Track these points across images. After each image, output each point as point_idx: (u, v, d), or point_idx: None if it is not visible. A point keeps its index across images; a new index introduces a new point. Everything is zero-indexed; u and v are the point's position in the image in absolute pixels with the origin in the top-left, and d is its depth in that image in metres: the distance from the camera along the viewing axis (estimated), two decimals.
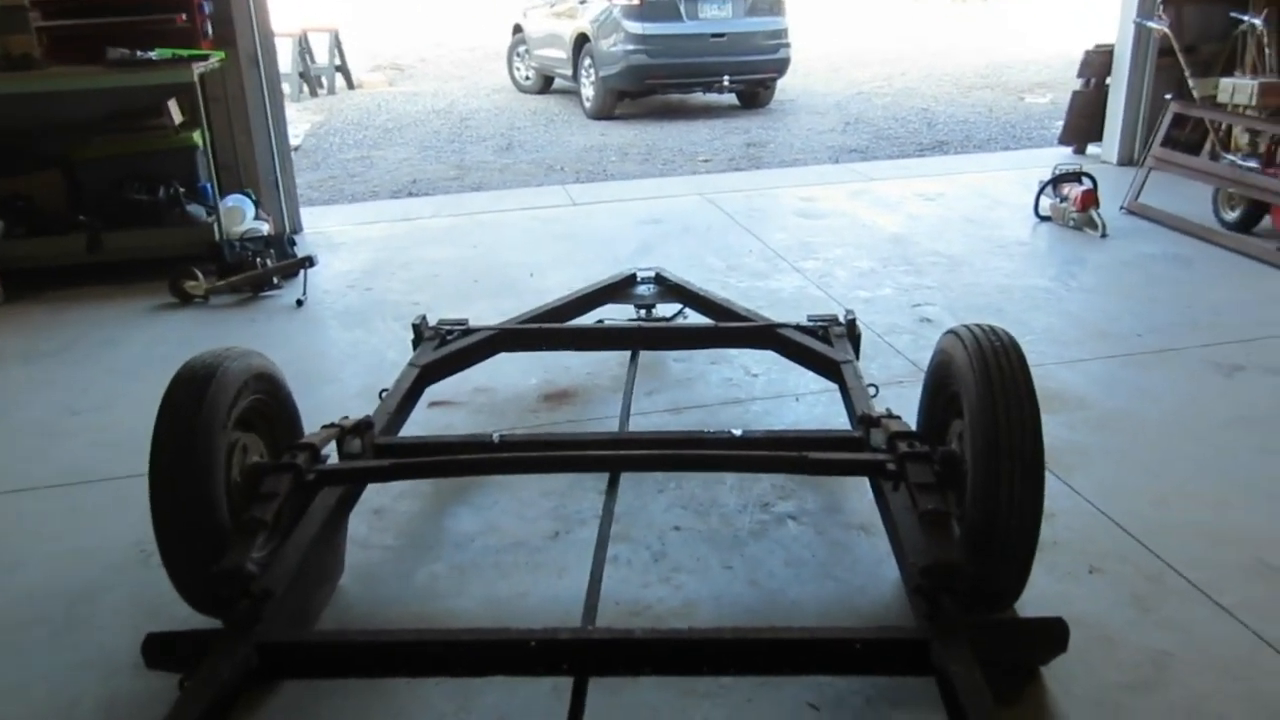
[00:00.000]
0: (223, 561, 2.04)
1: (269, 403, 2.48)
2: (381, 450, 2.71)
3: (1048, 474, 2.12)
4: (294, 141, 6.74)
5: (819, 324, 3.47)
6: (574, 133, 10.31)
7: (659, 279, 4.08)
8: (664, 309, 4.17)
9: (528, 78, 13.31)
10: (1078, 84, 7.65)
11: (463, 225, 6.27)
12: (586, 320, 3.94)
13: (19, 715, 2.25)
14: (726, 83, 10.99)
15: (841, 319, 3.51)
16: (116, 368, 4.18)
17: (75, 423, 3.70)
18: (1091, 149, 7.60)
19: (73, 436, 3.59)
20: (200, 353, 2.36)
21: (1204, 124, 6.33)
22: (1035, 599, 2.34)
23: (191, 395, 2.16)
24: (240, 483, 2.30)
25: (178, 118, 5.37)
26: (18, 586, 2.72)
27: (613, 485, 2.58)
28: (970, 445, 2.11)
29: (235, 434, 2.31)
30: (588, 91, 11.23)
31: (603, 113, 11.02)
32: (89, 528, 3.00)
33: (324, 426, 2.62)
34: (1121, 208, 5.97)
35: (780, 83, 11.73)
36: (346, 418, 2.73)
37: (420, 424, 3.36)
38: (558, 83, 12.75)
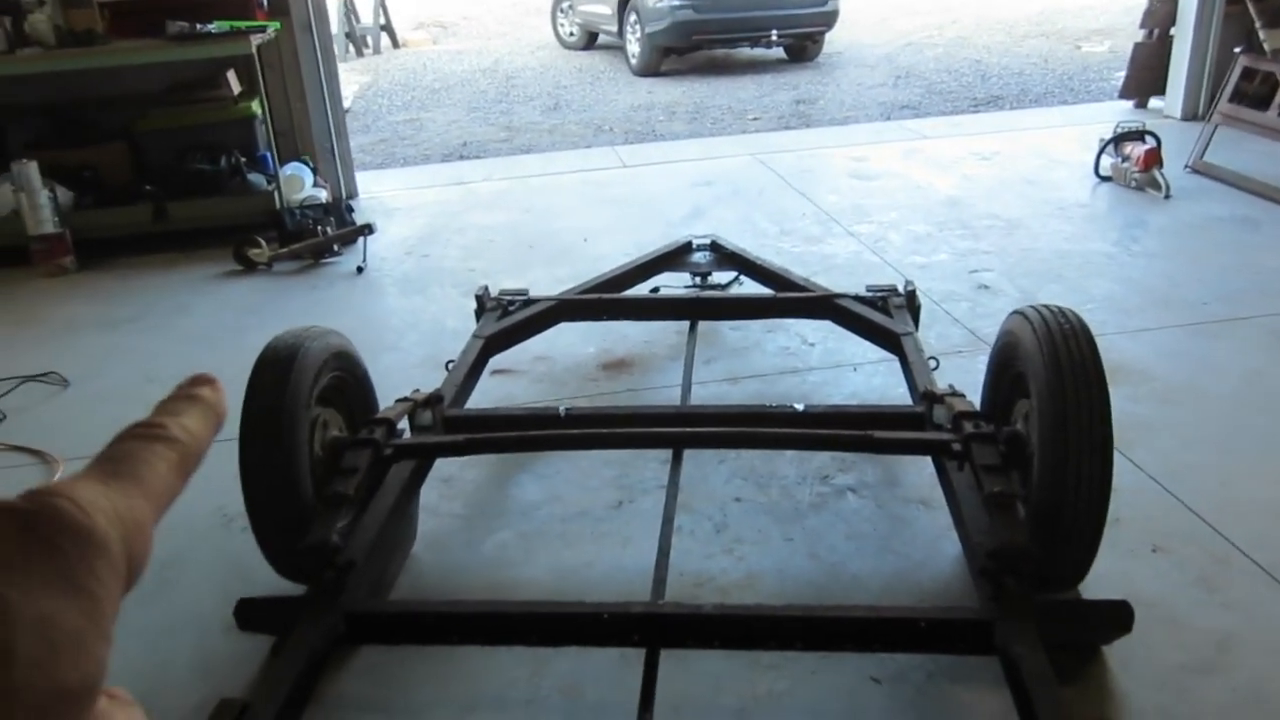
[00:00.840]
0: (310, 536, 2.13)
1: (346, 379, 2.56)
2: (451, 423, 2.78)
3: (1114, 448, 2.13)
4: (345, 104, 6.80)
5: (878, 294, 3.48)
6: (620, 91, 10.27)
7: (714, 246, 4.10)
8: (720, 276, 4.21)
9: (572, 34, 13.23)
10: (1140, 35, 7.46)
11: (514, 189, 6.32)
12: (644, 289, 3.98)
13: (117, 676, 2.35)
14: (774, 37, 10.85)
15: (901, 289, 3.51)
16: (189, 335, 4.30)
17: (153, 390, 3.77)
18: (1154, 103, 7.43)
19: (151, 403, 3.67)
20: (281, 333, 2.44)
21: (1275, 77, 6.17)
22: (1097, 577, 2.35)
23: (276, 376, 2.24)
24: (322, 456, 2.39)
25: (236, 88, 5.45)
26: None
27: (676, 459, 2.63)
28: (1038, 429, 2.13)
29: (316, 410, 2.39)
30: (633, 48, 11.16)
31: (649, 70, 10.95)
32: None
33: (398, 400, 2.70)
34: (1186, 167, 5.85)
35: (828, 35, 11.56)
36: (418, 391, 2.81)
37: (483, 392, 3.43)
38: (602, 39, 12.67)
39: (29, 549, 0.38)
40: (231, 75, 5.43)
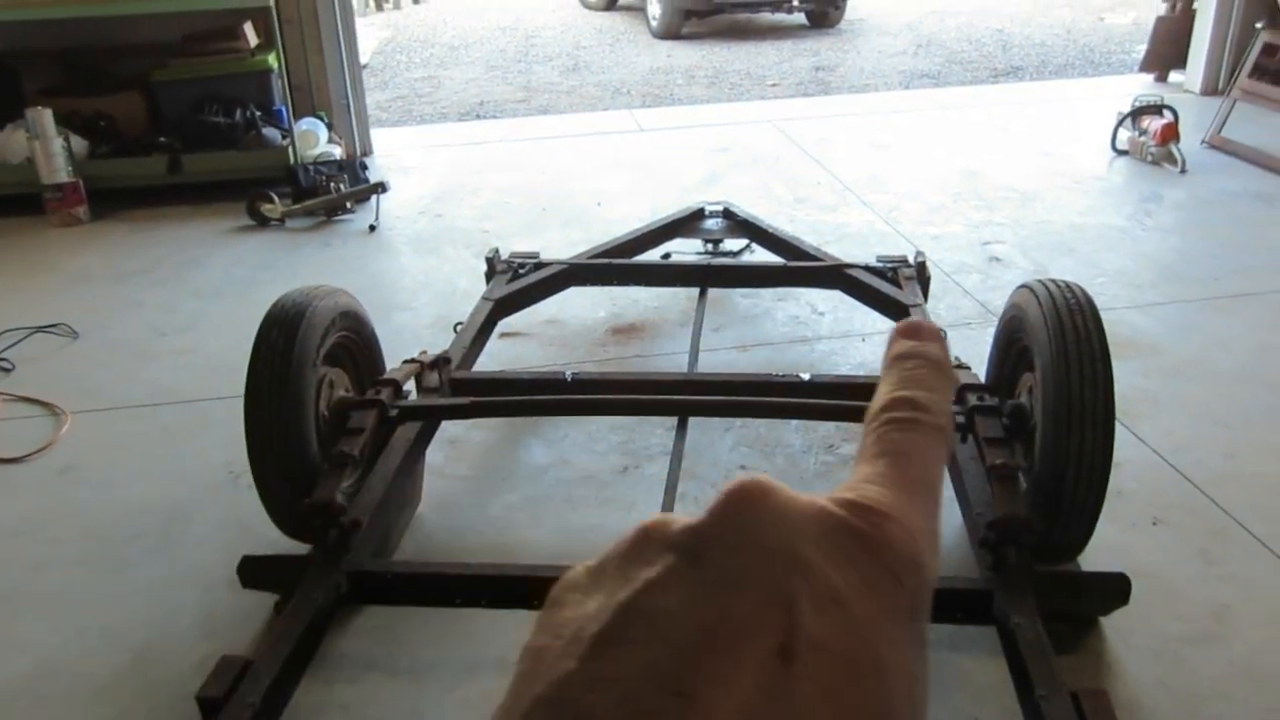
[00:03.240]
0: (314, 494, 2.16)
1: (354, 339, 2.58)
2: (458, 385, 2.80)
3: (1115, 423, 2.14)
4: (363, 59, 6.76)
5: (888, 265, 3.47)
6: (640, 53, 10.19)
7: (727, 213, 4.09)
8: (731, 243, 4.20)
9: None
10: (1162, 8, 7.36)
11: (531, 151, 6.29)
12: (655, 255, 3.97)
13: (122, 626, 2.41)
14: (795, 2, 10.73)
15: (911, 260, 3.50)
16: (200, 289, 4.32)
17: (163, 344, 3.85)
18: (1174, 77, 7.34)
19: (161, 358, 3.74)
20: (289, 291, 2.45)
21: None
22: (1098, 549, 2.36)
23: (284, 334, 2.25)
24: (328, 416, 2.41)
25: (253, 40, 5.42)
26: (115, 503, 2.88)
27: (682, 426, 2.64)
28: (1041, 402, 2.13)
29: (323, 369, 2.41)
30: (654, 10, 11.05)
31: (669, 32, 10.85)
32: (179, 448, 3.14)
33: (405, 361, 2.72)
34: (1203, 141, 5.79)
35: (850, 1, 11.43)
36: (425, 352, 2.82)
37: (491, 354, 3.44)
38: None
39: (877, 585, 0.33)
40: (249, 27, 5.41)
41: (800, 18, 11.57)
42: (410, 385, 2.74)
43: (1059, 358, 2.10)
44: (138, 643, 2.35)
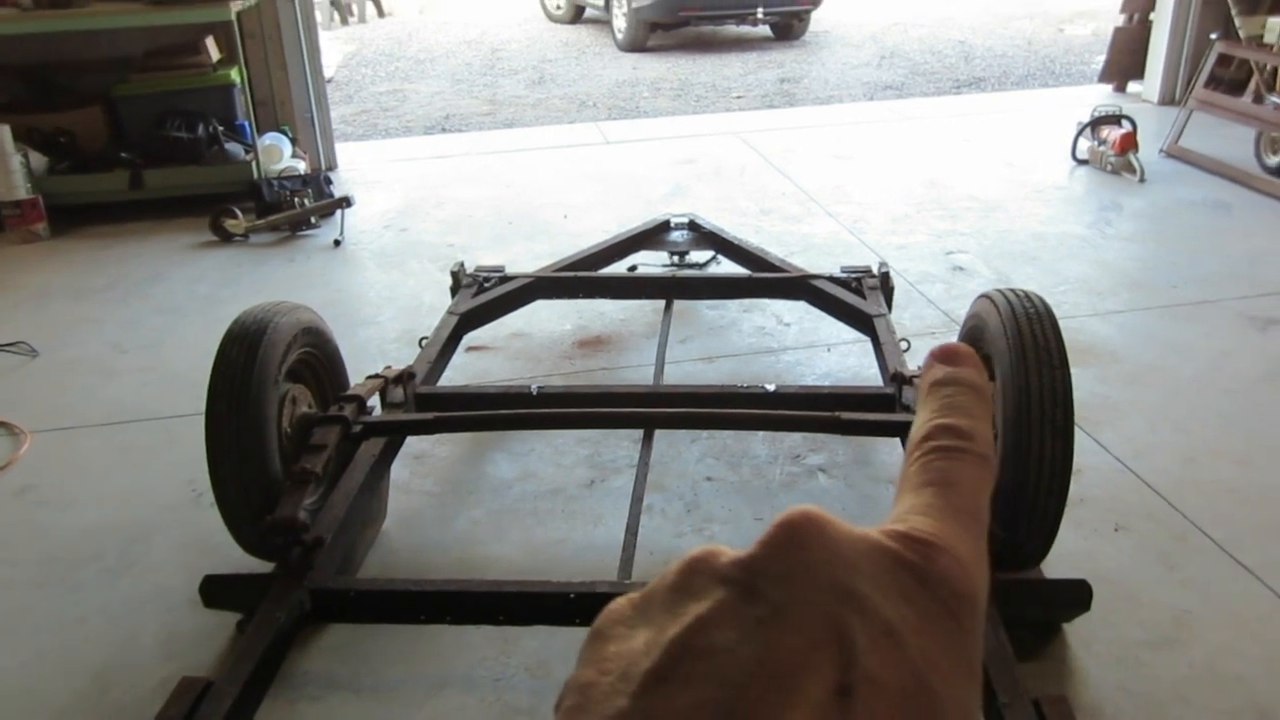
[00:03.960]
0: (277, 511, 2.14)
1: (317, 355, 2.56)
2: (423, 400, 2.78)
3: (1077, 430, 2.16)
4: (327, 73, 6.73)
5: (852, 275, 3.50)
6: (606, 66, 10.21)
7: (692, 225, 4.10)
8: (697, 255, 4.21)
9: (559, 7, 13.13)
10: (1120, 20, 7.48)
11: (496, 164, 6.28)
12: (621, 267, 3.98)
13: (81, 650, 2.37)
14: (760, 14, 10.80)
15: (875, 270, 3.53)
16: (162, 306, 4.27)
17: (124, 361, 3.80)
18: (1133, 87, 7.46)
19: (122, 375, 3.70)
20: (250, 308, 2.43)
21: (1249, 64, 6.20)
22: (1061, 556, 2.38)
23: (244, 351, 2.23)
24: (291, 433, 2.39)
25: (215, 55, 5.39)
26: (74, 524, 2.84)
27: (648, 438, 2.65)
28: (1001, 411, 2.15)
29: (286, 386, 2.39)
30: (619, 23, 11.08)
31: (635, 45, 10.89)
32: (141, 466, 3.11)
33: (369, 377, 2.70)
34: (1161, 150, 5.88)
35: (815, 14, 11.52)
36: (389, 368, 2.81)
37: (458, 368, 3.43)
38: (589, 12, 12.58)
39: (933, 620, 0.32)
40: (210, 42, 5.37)
41: (765, 30, 11.65)
42: (375, 401, 2.72)
43: (1018, 366, 2.12)
44: (97, 665, 2.32)
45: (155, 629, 2.42)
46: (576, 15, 12.91)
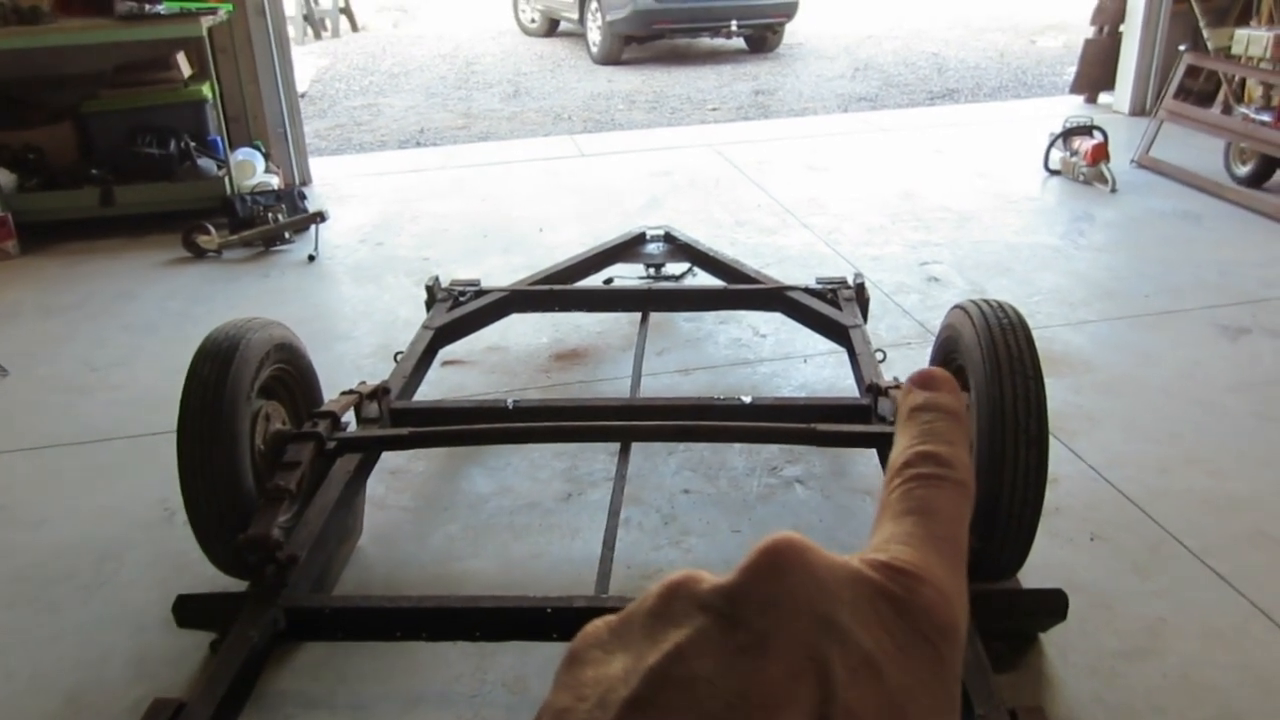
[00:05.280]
0: (250, 529, 2.11)
1: (290, 371, 2.54)
2: (398, 415, 2.77)
3: (1052, 439, 2.17)
4: (300, 88, 6.71)
5: (828, 287, 3.51)
6: (581, 79, 10.23)
7: (668, 238, 4.11)
8: (673, 267, 4.22)
9: (533, 20, 13.15)
10: (1090, 32, 7.57)
11: (471, 177, 6.28)
12: (597, 280, 3.97)
13: (52, 670, 2.34)
14: (734, 27, 10.86)
15: (850, 281, 3.54)
16: (133, 323, 4.23)
17: (94, 379, 3.76)
18: (1103, 98, 7.54)
19: (93, 393, 3.66)
20: (223, 324, 2.41)
21: (1218, 75, 6.29)
22: (1037, 565, 2.39)
23: (216, 368, 2.21)
24: (264, 450, 2.37)
25: (187, 70, 5.36)
26: (46, 543, 2.81)
27: (624, 451, 2.64)
28: (976, 421, 2.16)
29: (259, 403, 2.37)
30: (594, 36, 11.11)
31: (609, 58, 10.92)
32: (112, 484, 3.07)
33: (343, 393, 2.68)
34: (1132, 161, 5.95)
35: (789, 26, 11.59)
36: (364, 383, 2.79)
37: (433, 383, 3.42)
38: (563, 26, 12.61)
39: (912, 651, 0.33)
40: (181, 58, 5.34)
41: (739, 42, 11.71)
42: (350, 416, 2.70)
43: (993, 376, 2.13)
44: (69, 686, 2.29)
45: (127, 648, 2.39)
46: (551, 29, 12.94)
